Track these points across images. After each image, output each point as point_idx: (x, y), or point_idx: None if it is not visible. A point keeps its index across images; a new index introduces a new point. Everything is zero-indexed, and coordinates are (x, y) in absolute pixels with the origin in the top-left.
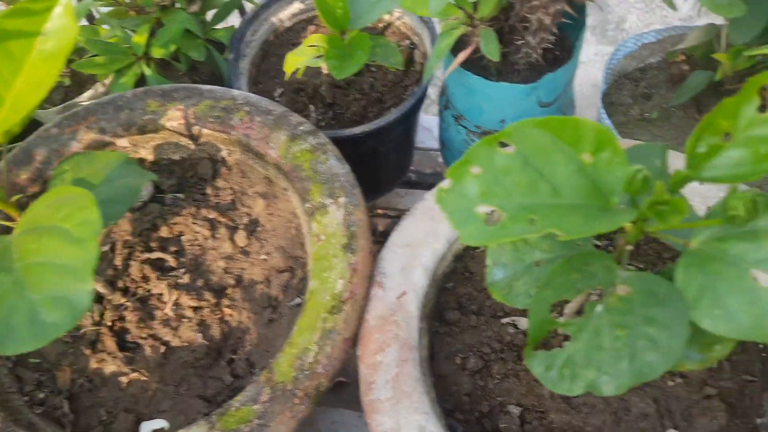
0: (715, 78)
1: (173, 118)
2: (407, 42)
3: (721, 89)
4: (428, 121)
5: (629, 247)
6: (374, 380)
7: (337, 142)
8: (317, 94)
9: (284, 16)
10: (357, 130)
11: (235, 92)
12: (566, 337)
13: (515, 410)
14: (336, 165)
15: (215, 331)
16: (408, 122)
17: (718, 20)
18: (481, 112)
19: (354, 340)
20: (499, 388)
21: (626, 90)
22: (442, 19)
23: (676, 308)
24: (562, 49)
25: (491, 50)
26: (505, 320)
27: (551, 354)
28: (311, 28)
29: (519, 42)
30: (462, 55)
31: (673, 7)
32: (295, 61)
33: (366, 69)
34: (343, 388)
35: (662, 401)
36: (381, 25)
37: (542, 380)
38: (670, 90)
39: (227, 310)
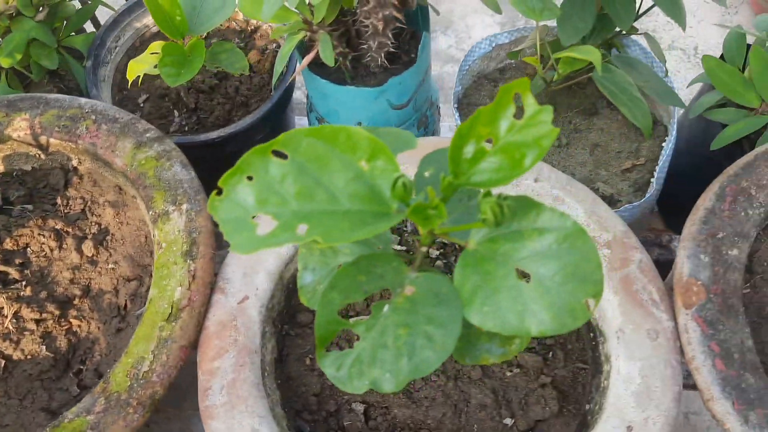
0: (554, 78)
1: (19, 128)
2: (274, 45)
3: (573, 87)
4: (306, 124)
5: (424, 249)
6: (210, 386)
7: (193, 147)
8: (181, 99)
9: (150, 21)
10: (213, 134)
11: (83, 101)
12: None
13: (359, 407)
14: (180, 171)
15: (61, 343)
16: (273, 125)
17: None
18: (337, 115)
19: (193, 347)
20: None
21: (485, 90)
22: (276, 24)
23: (452, 307)
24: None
25: (327, 55)
26: (354, 320)
27: (342, 354)
28: None
29: (364, 46)
30: (306, 60)
31: (497, 10)
32: (137, 69)
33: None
34: None
35: (501, 391)
36: (250, 28)
37: (333, 380)
38: None
39: (75, 321)
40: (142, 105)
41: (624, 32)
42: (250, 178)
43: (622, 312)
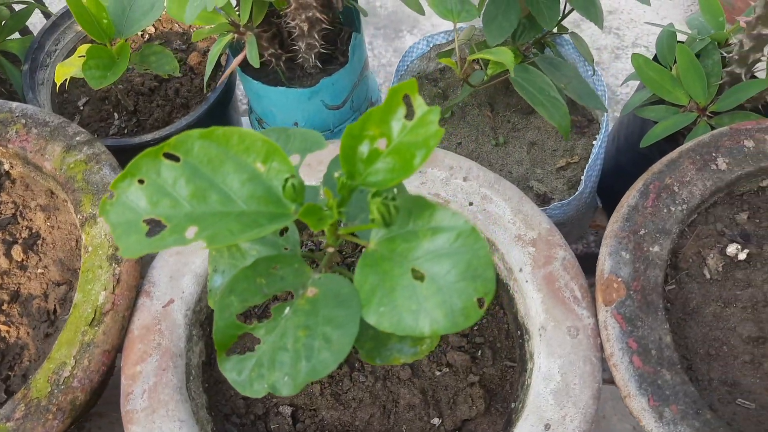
0: (484, 78)
1: None
2: None
3: (510, 87)
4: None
5: (331, 250)
6: (132, 391)
7: (129, 150)
8: (120, 102)
9: None
10: (148, 136)
11: (13, 105)
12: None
13: (287, 410)
14: (109, 175)
15: None
16: (211, 126)
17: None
18: (273, 115)
19: (117, 352)
20: None
21: (425, 90)
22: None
23: (351, 308)
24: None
25: (252, 56)
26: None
27: (243, 358)
28: None
29: (295, 48)
30: (235, 62)
31: (420, 11)
32: (64, 72)
33: (172, 74)
34: None
35: (430, 391)
36: (192, 30)
37: (234, 385)
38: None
39: (3, 327)
40: (81, 108)
41: (554, 31)
42: (141, 182)
43: (545, 309)
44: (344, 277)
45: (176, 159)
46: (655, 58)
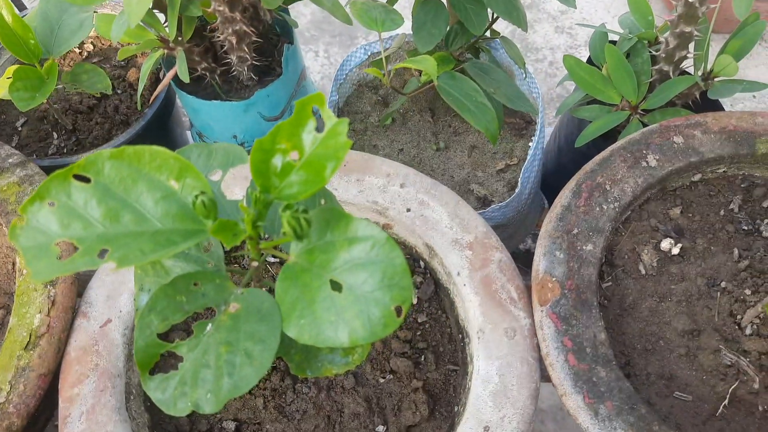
0: (418, 85)
1: None
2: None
3: None
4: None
5: (255, 264)
6: (69, 413)
7: None
8: (59, 120)
9: None
10: (86, 155)
11: None
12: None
13: (231, 425)
14: None
15: None
16: (153, 142)
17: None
18: (211, 129)
19: (54, 375)
20: None
21: (366, 98)
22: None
23: (272, 322)
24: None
25: (182, 71)
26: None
27: (166, 377)
28: None
29: (228, 61)
30: (167, 77)
31: (347, 21)
32: None
33: (112, 91)
34: None
35: (374, 399)
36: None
37: (158, 405)
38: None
39: None
40: (20, 129)
41: (487, 35)
42: (51, 204)
43: (483, 312)
44: (266, 292)
45: (87, 180)
46: (589, 60)
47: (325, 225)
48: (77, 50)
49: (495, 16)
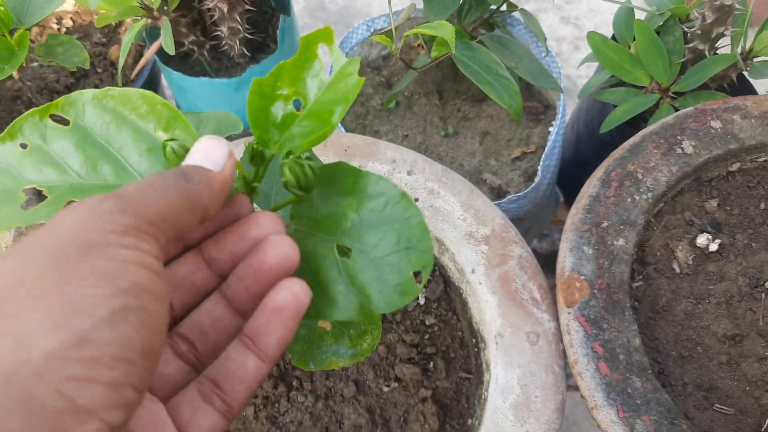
0: (428, 61)
1: None
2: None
3: (460, 72)
4: None
5: None
6: None
7: None
8: (32, 100)
9: None
10: None
11: None
12: None
13: None
14: None
15: None
16: None
17: None
18: (199, 109)
19: None
20: None
21: (368, 79)
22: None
23: None
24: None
25: (167, 43)
26: None
27: None
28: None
29: (218, 34)
30: (150, 51)
31: None
32: None
33: (92, 70)
34: None
35: (378, 409)
36: (114, 22)
37: None
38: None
39: None
40: None
41: (503, 9)
42: (24, 146)
43: (501, 314)
44: None
45: (65, 123)
46: (614, 38)
47: (331, 182)
48: (55, 26)
49: None
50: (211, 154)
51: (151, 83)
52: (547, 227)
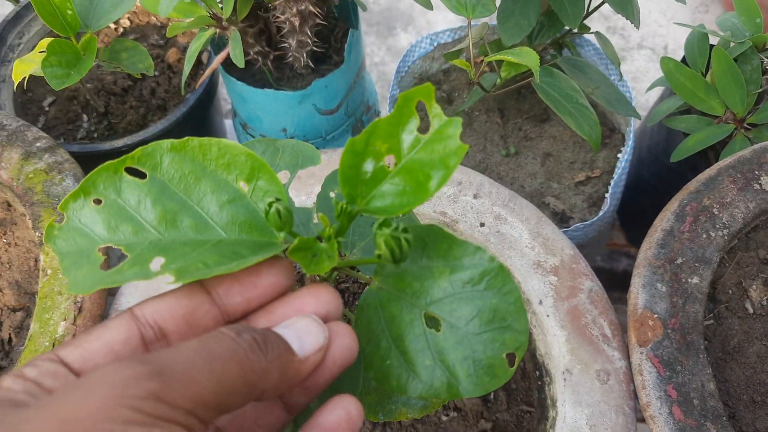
0: (496, 83)
1: None
2: None
3: (522, 91)
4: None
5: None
6: None
7: (98, 157)
8: (90, 102)
9: None
10: (120, 142)
11: None
12: None
13: None
14: (73, 186)
15: None
16: (193, 131)
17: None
18: (260, 120)
19: None
20: None
21: None
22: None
23: None
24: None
25: (236, 54)
26: None
27: None
28: None
29: (284, 45)
30: (217, 60)
31: (429, 6)
32: (23, 69)
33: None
34: None
35: None
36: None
37: None
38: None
39: None
40: (47, 108)
41: (575, 31)
42: (98, 202)
43: (570, 349)
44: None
45: (142, 175)
46: (683, 61)
47: (421, 246)
48: (113, 26)
49: (590, 9)
50: (304, 337)
51: (210, 91)
52: (602, 252)
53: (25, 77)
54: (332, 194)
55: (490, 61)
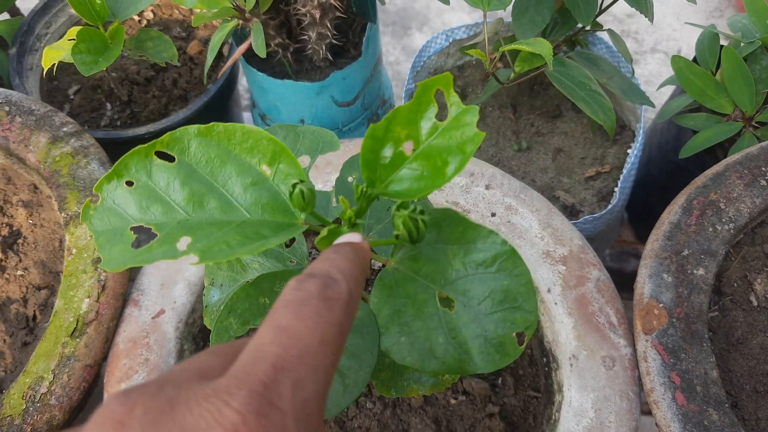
0: (510, 76)
1: None
2: None
3: (535, 87)
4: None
5: None
6: None
7: (121, 143)
8: (114, 90)
9: None
10: (142, 130)
11: None
12: None
13: None
14: (98, 170)
15: None
16: (212, 121)
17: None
18: (278, 111)
19: (99, 367)
20: None
21: None
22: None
23: (368, 335)
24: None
25: (258, 46)
26: None
27: None
28: None
29: (305, 37)
30: (239, 51)
31: (446, 0)
32: (52, 56)
33: (170, 63)
34: None
35: (444, 421)
36: (193, 17)
37: None
38: None
39: None
40: (72, 97)
41: (587, 28)
42: (130, 184)
43: (577, 336)
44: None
45: (170, 158)
46: (694, 61)
47: (436, 229)
48: (136, 18)
49: (603, 6)
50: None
51: (230, 82)
52: (611, 247)
53: (54, 64)
54: (350, 179)
55: (503, 57)
